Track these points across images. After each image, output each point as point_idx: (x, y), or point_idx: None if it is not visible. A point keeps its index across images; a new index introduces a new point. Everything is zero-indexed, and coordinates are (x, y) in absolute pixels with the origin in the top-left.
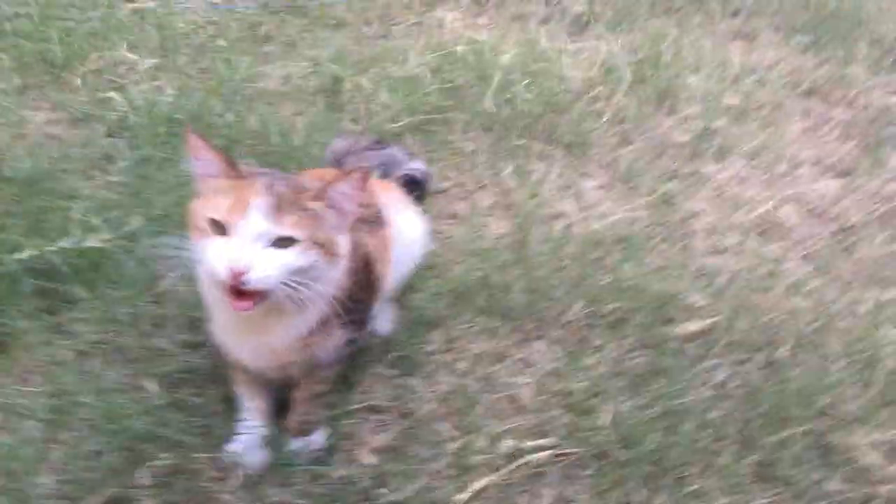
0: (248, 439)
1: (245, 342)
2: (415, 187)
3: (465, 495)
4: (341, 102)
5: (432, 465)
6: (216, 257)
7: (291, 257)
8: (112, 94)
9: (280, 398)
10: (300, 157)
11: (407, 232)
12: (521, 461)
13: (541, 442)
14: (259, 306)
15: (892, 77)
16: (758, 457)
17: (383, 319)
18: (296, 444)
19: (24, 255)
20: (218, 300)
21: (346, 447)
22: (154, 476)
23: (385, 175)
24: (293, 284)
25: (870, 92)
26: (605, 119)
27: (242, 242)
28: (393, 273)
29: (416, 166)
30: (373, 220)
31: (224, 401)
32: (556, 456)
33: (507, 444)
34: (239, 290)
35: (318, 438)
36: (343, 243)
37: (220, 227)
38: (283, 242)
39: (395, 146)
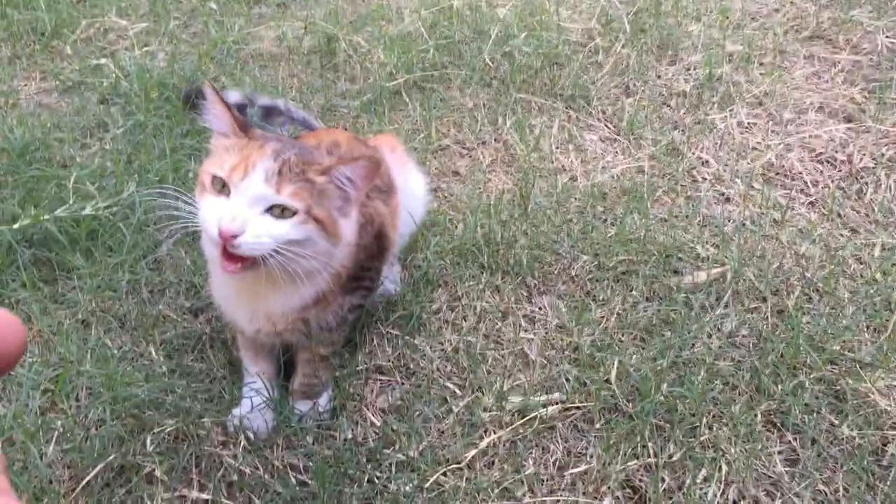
0: (254, 403)
1: (240, 305)
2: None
3: (472, 452)
4: (337, 62)
5: (439, 424)
6: (211, 215)
7: (286, 228)
8: (103, 60)
9: (285, 361)
10: None
11: (412, 192)
12: (529, 417)
13: (548, 397)
14: (250, 271)
15: None
16: (769, 405)
17: (389, 280)
18: (301, 406)
19: (20, 224)
20: (214, 258)
21: (352, 408)
22: (159, 443)
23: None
24: (288, 254)
25: (874, 35)
26: (605, 70)
27: (239, 204)
28: (400, 235)
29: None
30: (385, 189)
31: (227, 365)
32: (565, 411)
33: (515, 400)
34: (229, 252)
35: (324, 400)
36: (347, 228)
37: (220, 185)
38: (281, 211)
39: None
